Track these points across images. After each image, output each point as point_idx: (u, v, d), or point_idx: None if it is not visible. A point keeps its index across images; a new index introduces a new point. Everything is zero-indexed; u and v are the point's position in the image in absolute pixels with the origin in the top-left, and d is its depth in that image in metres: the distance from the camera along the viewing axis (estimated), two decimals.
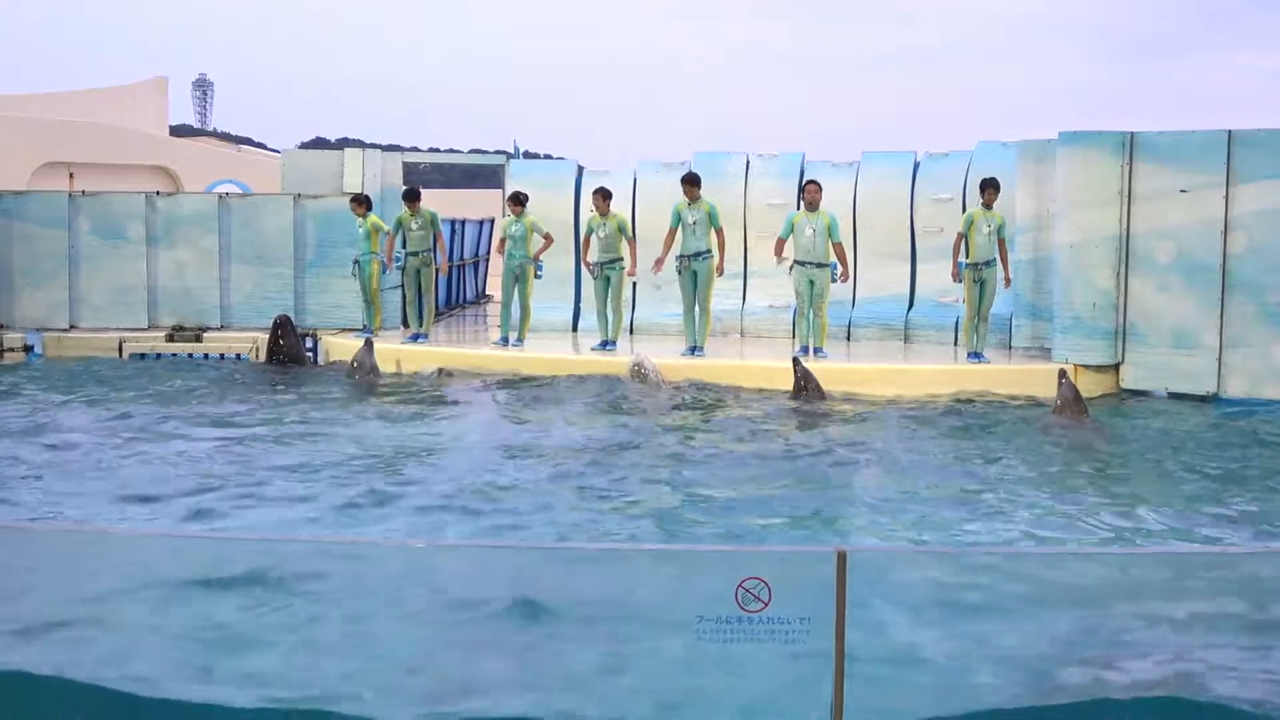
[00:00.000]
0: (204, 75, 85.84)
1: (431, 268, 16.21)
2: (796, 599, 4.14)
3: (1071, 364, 13.58)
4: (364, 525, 8.13)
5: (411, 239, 16.09)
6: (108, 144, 28.23)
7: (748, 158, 17.26)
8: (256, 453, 10.43)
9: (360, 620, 4.53)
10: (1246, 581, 4.67)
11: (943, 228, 15.80)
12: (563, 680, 4.44)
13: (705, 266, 14.46)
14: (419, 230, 16.03)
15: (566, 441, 10.95)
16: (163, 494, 8.87)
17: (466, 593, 4.64)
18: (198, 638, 4.48)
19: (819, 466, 10.06)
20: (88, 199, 17.65)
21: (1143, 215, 13.45)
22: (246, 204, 17.98)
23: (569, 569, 4.75)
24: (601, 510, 8.60)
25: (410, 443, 10.90)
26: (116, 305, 17.32)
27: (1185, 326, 13.23)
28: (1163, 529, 8.13)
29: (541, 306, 16.42)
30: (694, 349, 14.53)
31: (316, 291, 17.35)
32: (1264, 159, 12.76)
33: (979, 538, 7.95)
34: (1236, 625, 4.60)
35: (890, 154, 17.04)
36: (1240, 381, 12.94)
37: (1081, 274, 13.67)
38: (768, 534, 8.02)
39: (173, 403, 12.91)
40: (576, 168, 17.93)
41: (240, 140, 52.74)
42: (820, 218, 14.25)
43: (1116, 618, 4.58)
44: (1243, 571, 4.79)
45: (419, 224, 16.02)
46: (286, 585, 4.59)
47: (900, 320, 16.34)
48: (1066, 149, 13.84)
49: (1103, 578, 4.72)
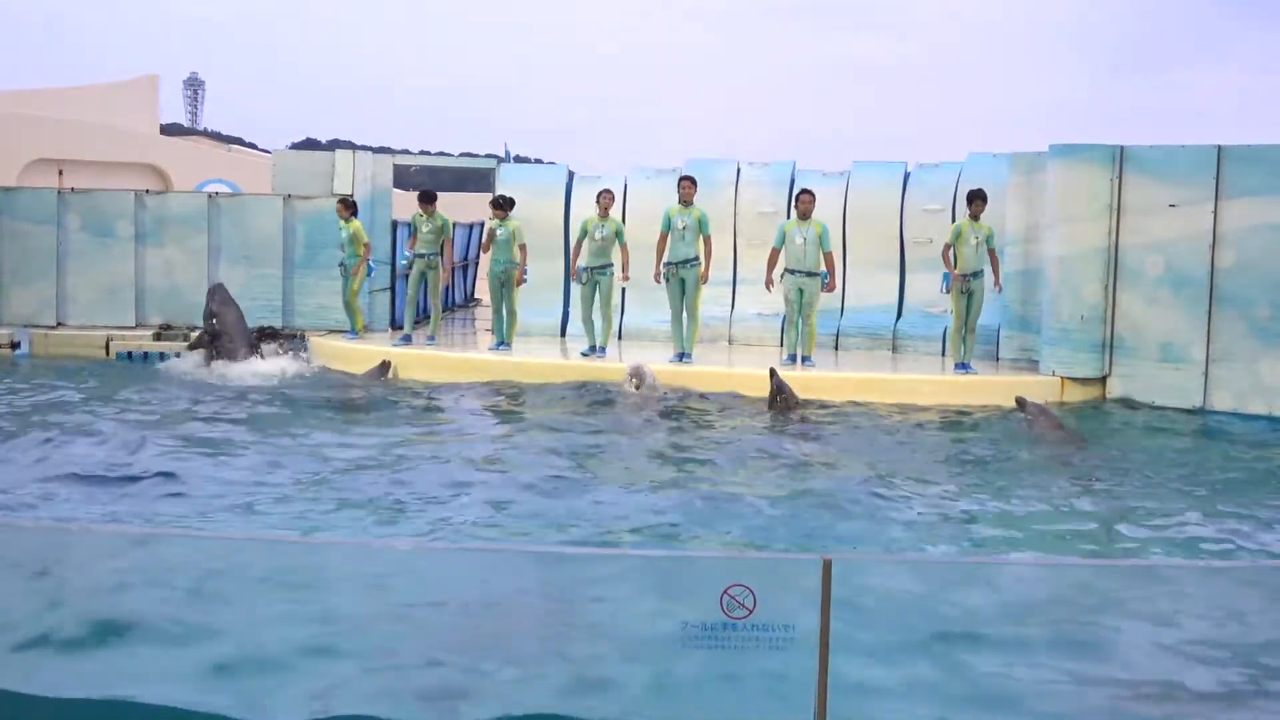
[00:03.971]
0: (195, 74, 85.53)
1: (438, 271, 16.15)
2: (782, 606, 4.14)
3: (1058, 376, 13.64)
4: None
5: (422, 241, 16.02)
6: (98, 141, 28.21)
7: (739, 165, 17.30)
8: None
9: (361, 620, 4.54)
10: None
11: (932, 238, 15.84)
12: (546, 685, 4.43)
13: (693, 274, 14.47)
14: (429, 233, 16.00)
15: (551, 447, 10.94)
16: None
17: (453, 595, 4.63)
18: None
19: (795, 475, 10.05)
20: (77, 196, 17.61)
21: (1132, 229, 13.49)
22: (236, 204, 17.97)
23: (554, 573, 4.74)
24: (585, 517, 8.59)
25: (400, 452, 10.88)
26: (104, 303, 17.29)
27: (1172, 340, 13.27)
28: (1145, 538, 8.14)
29: (530, 311, 16.41)
30: (682, 356, 14.53)
31: (305, 293, 17.33)
32: (1253, 174, 12.80)
33: (954, 547, 7.96)
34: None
35: (881, 164, 17.07)
36: (1226, 396, 12.97)
37: (1070, 286, 13.71)
38: (754, 541, 8.01)
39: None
40: (567, 173, 17.94)
41: (231, 140, 52.68)
42: (812, 226, 14.28)
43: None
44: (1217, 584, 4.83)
45: (430, 227, 15.99)
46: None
47: (888, 330, 16.38)
48: (1057, 161, 13.89)
49: (1081, 587, 4.74)
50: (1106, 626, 4.65)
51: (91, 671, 4.43)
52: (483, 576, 4.71)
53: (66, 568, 4.71)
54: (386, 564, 4.72)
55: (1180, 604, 4.75)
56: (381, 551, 5.12)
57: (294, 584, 4.59)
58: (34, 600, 4.62)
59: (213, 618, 4.50)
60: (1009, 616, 4.65)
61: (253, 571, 4.60)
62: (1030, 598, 4.72)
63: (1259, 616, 4.66)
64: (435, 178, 29.11)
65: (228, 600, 4.58)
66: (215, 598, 4.58)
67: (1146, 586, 4.82)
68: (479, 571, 4.74)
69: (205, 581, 4.59)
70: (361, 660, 4.49)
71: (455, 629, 4.59)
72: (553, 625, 4.54)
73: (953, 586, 4.71)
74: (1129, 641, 4.61)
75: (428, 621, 4.61)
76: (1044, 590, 4.80)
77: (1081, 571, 5.25)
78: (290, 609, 4.59)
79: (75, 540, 4.97)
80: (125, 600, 4.65)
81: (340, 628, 4.54)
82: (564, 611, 4.57)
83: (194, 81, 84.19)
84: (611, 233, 14.86)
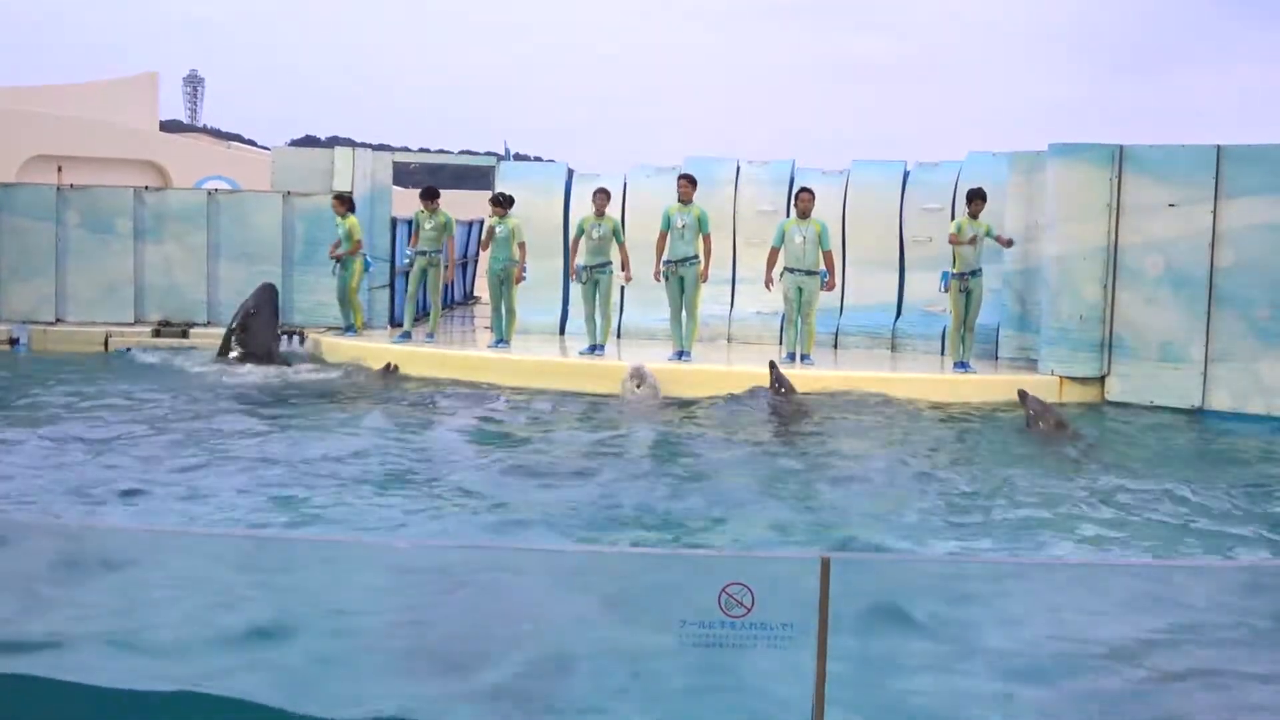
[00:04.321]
0: (195, 71, 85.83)
1: (440, 269, 16.13)
2: (780, 604, 4.14)
3: (1057, 376, 13.65)
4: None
5: (424, 238, 16.01)
6: (97, 138, 28.17)
7: (738, 164, 17.29)
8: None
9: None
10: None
11: (932, 237, 15.84)
12: (546, 684, 4.43)
13: (692, 272, 14.46)
14: (431, 230, 15.98)
15: (553, 446, 10.94)
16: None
17: (449, 593, 4.63)
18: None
19: (797, 473, 10.05)
20: (76, 193, 17.60)
21: (1131, 228, 13.48)
22: (235, 201, 17.95)
23: (552, 571, 4.74)
24: (584, 515, 8.59)
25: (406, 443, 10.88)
26: (103, 300, 17.28)
27: (1171, 340, 13.26)
28: (1148, 537, 8.14)
29: (529, 309, 16.41)
30: (681, 354, 14.52)
31: (304, 290, 17.33)
32: (1252, 174, 12.79)
33: (956, 546, 7.95)
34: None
35: (880, 163, 17.07)
36: (1225, 396, 12.97)
37: (1069, 286, 13.70)
38: (752, 539, 8.01)
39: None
40: (567, 171, 17.92)
41: (230, 137, 52.60)
42: (811, 225, 14.28)
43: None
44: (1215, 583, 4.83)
45: (433, 224, 15.97)
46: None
47: (888, 329, 16.37)
48: (1057, 161, 13.88)
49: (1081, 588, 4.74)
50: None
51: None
52: (483, 573, 4.71)
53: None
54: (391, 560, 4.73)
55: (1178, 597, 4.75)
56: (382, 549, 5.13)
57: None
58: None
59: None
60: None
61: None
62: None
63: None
64: (435, 175, 29.09)
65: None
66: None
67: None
68: (476, 568, 4.74)
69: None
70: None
71: (447, 624, 4.59)
72: (548, 622, 4.54)
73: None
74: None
75: (430, 616, 4.61)
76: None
77: (1077, 570, 5.25)
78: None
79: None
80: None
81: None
82: (559, 609, 4.57)
83: (194, 79, 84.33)
84: (609, 231, 14.84)
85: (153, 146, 30.48)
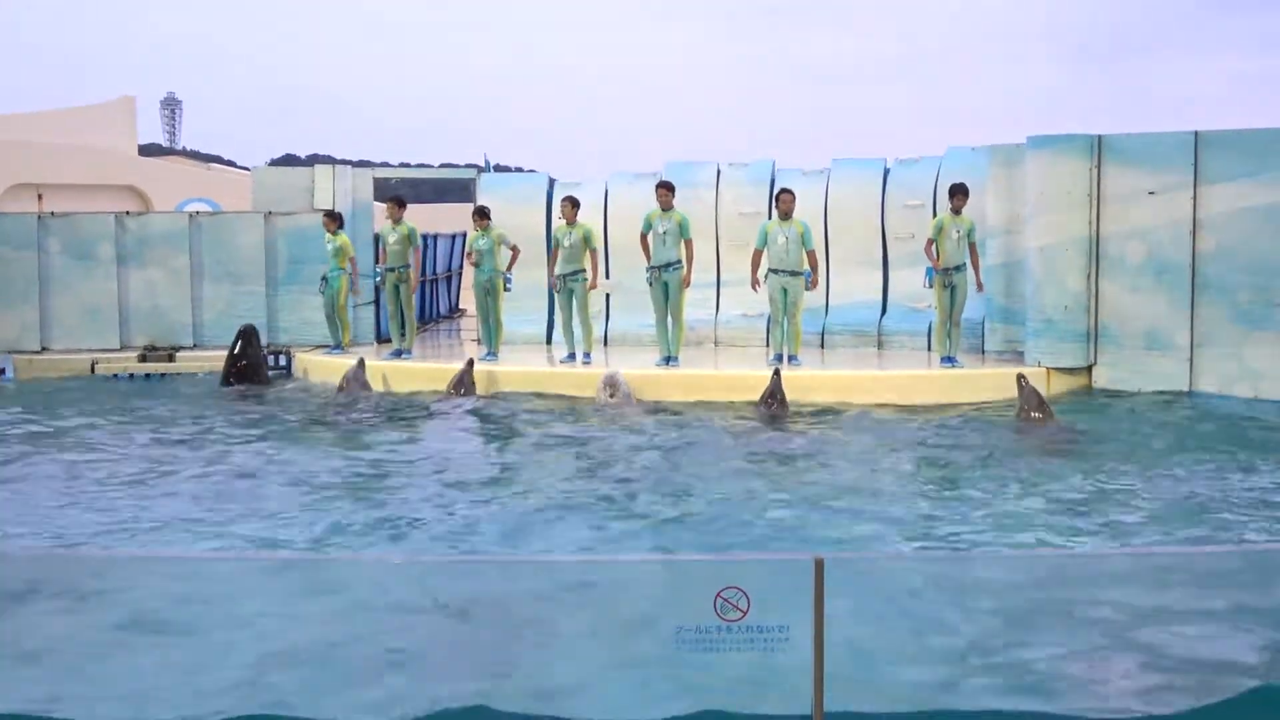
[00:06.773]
0: (172, 94, 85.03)
1: (409, 284, 16.07)
2: (775, 607, 4.14)
3: (1044, 367, 13.68)
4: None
5: (390, 253, 15.93)
6: (76, 164, 28.12)
7: (718, 166, 17.30)
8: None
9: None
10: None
11: (914, 234, 15.86)
12: (542, 690, 4.43)
13: (676, 277, 14.46)
14: (396, 245, 15.89)
15: (539, 453, 10.95)
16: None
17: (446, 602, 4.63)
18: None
19: (789, 474, 10.07)
20: (57, 220, 17.56)
21: (1112, 217, 13.54)
22: (217, 222, 17.92)
23: (549, 579, 4.74)
24: (581, 521, 8.59)
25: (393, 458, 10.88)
26: (88, 326, 17.24)
27: (1156, 327, 13.31)
28: (1136, 525, 8.16)
29: (514, 319, 16.41)
30: (668, 359, 14.52)
31: (289, 309, 17.31)
32: (1231, 159, 12.85)
33: (950, 543, 7.97)
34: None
35: (860, 160, 17.08)
36: (1212, 381, 13.02)
37: (1053, 277, 13.74)
38: (745, 542, 8.01)
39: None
40: (548, 180, 17.91)
41: (210, 158, 52.50)
42: (793, 226, 14.29)
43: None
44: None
45: (396, 237, 15.89)
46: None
47: (873, 326, 16.39)
48: (1036, 153, 13.93)
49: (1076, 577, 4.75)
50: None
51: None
52: (474, 583, 4.72)
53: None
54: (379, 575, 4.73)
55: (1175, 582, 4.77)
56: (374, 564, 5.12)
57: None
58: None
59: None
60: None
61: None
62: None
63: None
64: (416, 189, 29.11)
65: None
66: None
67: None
68: (467, 580, 4.74)
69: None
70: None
71: (447, 634, 4.58)
72: (545, 631, 4.54)
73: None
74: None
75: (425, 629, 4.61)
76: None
77: (1071, 560, 5.27)
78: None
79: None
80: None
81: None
82: (557, 617, 4.57)
83: (171, 101, 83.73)
84: (579, 239, 14.80)
85: (132, 171, 30.43)
